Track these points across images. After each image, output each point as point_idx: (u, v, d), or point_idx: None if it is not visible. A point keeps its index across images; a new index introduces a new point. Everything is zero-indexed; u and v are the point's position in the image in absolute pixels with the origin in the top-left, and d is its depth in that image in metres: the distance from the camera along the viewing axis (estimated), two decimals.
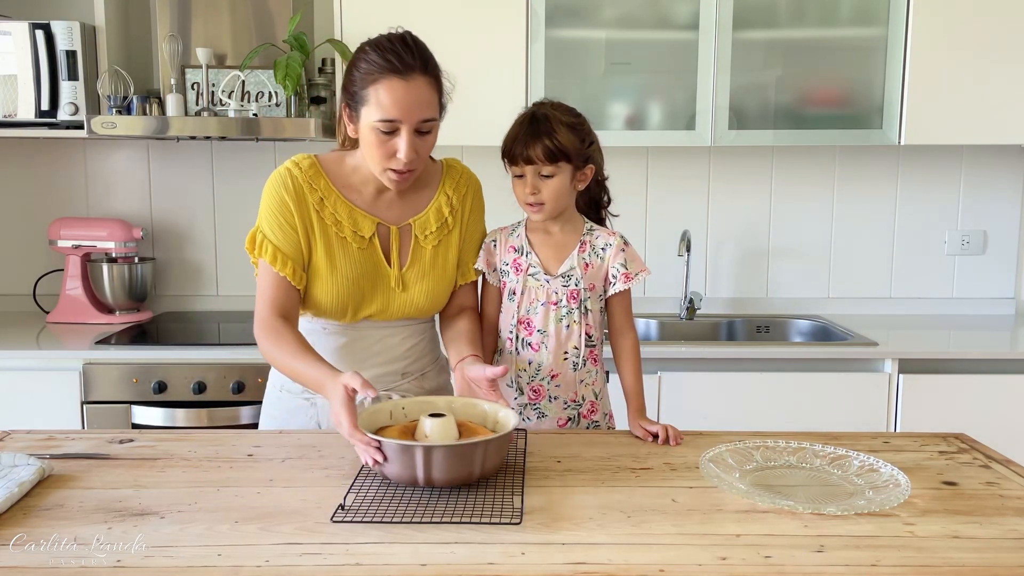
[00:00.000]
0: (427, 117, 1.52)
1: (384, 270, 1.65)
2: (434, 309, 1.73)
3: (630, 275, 1.68)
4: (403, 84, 1.49)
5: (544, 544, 1.13)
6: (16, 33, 2.67)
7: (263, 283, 1.60)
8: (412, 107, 1.49)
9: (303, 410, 1.70)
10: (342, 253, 1.62)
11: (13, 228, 3.08)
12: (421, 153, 1.55)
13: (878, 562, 1.09)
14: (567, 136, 1.60)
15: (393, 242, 1.65)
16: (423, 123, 1.52)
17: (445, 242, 1.70)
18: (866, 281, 3.12)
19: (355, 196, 1.64)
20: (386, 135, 1.51)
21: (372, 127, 1.51)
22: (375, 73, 1.49)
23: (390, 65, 1.49)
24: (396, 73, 1.49)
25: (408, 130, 1.50)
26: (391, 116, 1.49)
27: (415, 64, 1.50)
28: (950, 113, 2.69)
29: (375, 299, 1.65)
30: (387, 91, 1.49)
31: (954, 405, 2.51)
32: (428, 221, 1.68)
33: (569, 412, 1.70)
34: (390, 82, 1.49)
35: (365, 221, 1.63)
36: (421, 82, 1.51)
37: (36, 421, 2.40)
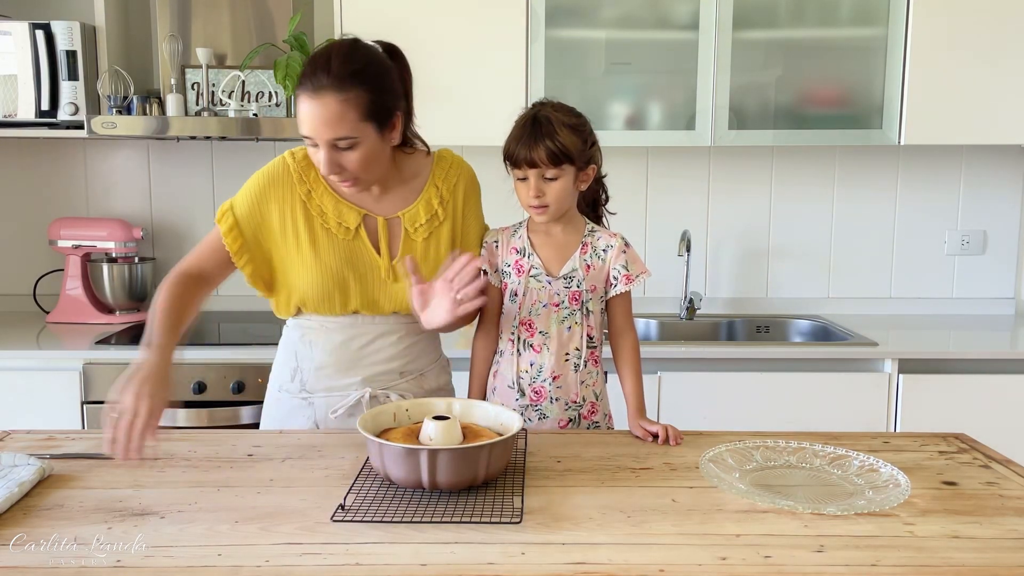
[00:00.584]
0: (337, 136, 1.49)
1: (374, 260, 1.65)
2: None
3: (631, 277, 1.68)
4: (311, 103, 1.49)
5: (544, 544, 1.13)
6: (16, 33, 2.67)
7: (204, 240, 1.69)
8: (319, 126, 1.49)
9: (300, 410, 1.70)
10: (327, 243, 1.63)
11: (13, 228, 3.08)
12: (347, 167, 1.53)
13: (878, 562, 1.09)
14: (570, 138, 1.60)
15: (382, 233, 1.66)
16: (336, 140, 1.50)
17: (436, 234, 1.69)
18: (866, 281, 3.12)
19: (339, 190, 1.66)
20: (313, 148, 1.54)
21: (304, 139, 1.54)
22: (298, 87, 1.52)
23: (304, 82, 1.50)
24: (306, 91, 1.49)
25: (324, 147, 1.51)
26: (305, 132, 1.52)
27: (325, 82, 1.47)
28: (950, 113, 2.69)
29: (364, 289, 1.65)
30: (300, 108, 1.51)
31: (954, 405, 2.51)
32: (417, 214, 1.68)
33: (570, 413, 1.70)
34: (302, 100, 1.50)
35: (350, 213, 1.64)
36: (330, 100, 1.47)
37: (36, 421, 2.40)
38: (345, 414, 1.66)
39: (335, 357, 1.67)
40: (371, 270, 1.65)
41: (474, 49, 2.66)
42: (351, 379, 1.67)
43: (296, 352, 1.71)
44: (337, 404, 1.67)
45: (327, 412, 1.67)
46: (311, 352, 1.69)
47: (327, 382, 1.68)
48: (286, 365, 1.73)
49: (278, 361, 1.76)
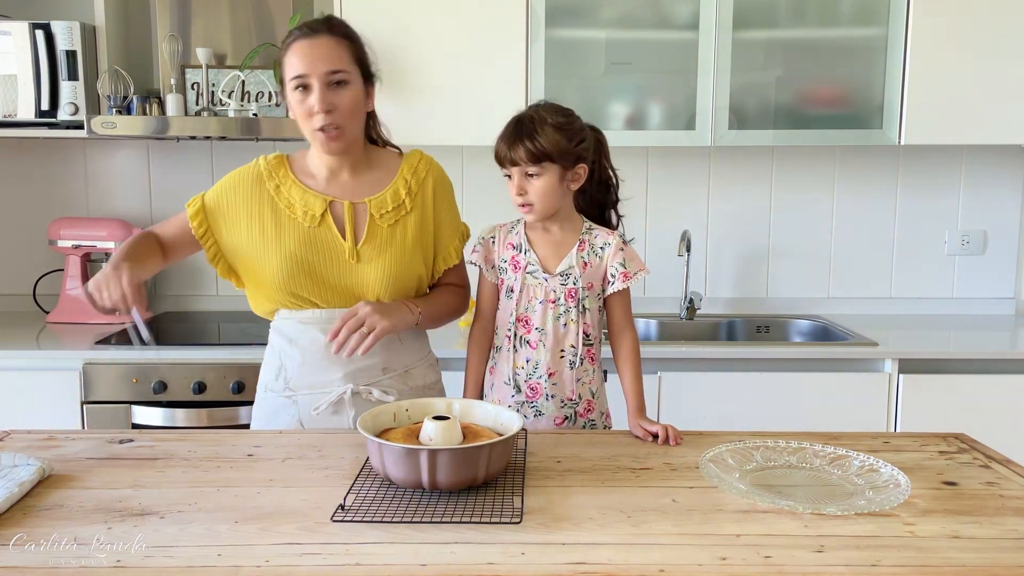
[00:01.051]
0: (333, 68, 1.59)
1: (338, 244, 1.68)
2: (398, 292, 1.70)
3: (629, 274, 1.68)
4: (307, 42, 1.60)
5: (544, 544, 1.13)
6: (16, 33, 2.67)
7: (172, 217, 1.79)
8: (316, 60, 1.59)
9: (285, 408, 1.71)
10: (292, 231, 1.67)
11: (13, 228, 3.08)
12: (340, 106, 1.61)
13: (878, 562, 1.09)
14: (551, 137, 1.61)
15: (347, 218, 1.68)
16: (331, 74, 1.59)
17: (402, 222, 1.71)
18: (866, 281, 3.12)
19: (310, 180, 1.72)
20: (302, 93, 1.60)
21: (291, 91, 1.62)
22: (288, 43, 1.63)
23: (299, 32, 1.62)
24: (301, 36, 1.61)
25: (318, 82, 1.59)
26: (299, 71, 1.59)
27: (319, 27, 1.62)
28: (950, 113, 2.69)
29: (329, 274, 1.67)
30: (294, 52, 1.61)
31: (954, 405, 2.50)
32: (384, 201, 1.71)
33: (566, 411, 1.70)
34: (297, 44, 1.61)
35: (316, 200, 1.69)
36: (325, 39, 1.61)
37: (36, 421, 2.39)
38: (328, 411, 1.67)
39: (317, 354, 1.68)
40: (336, 254, 1.68)
41: (474, 49, 2.66)
42: (333, 376, 1.68)
43: (280, 351, 1.72)
44: (319, 401, 1.67)
45: (310, 410, 1.68)
46: (294, 350, 1.70)
47: (309, 379, 1.69)
48: (271, 365, 1.74)
49: (264, 361, 1.78)
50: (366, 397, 1.67)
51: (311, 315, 1.69)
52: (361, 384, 1.68)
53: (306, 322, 1.69)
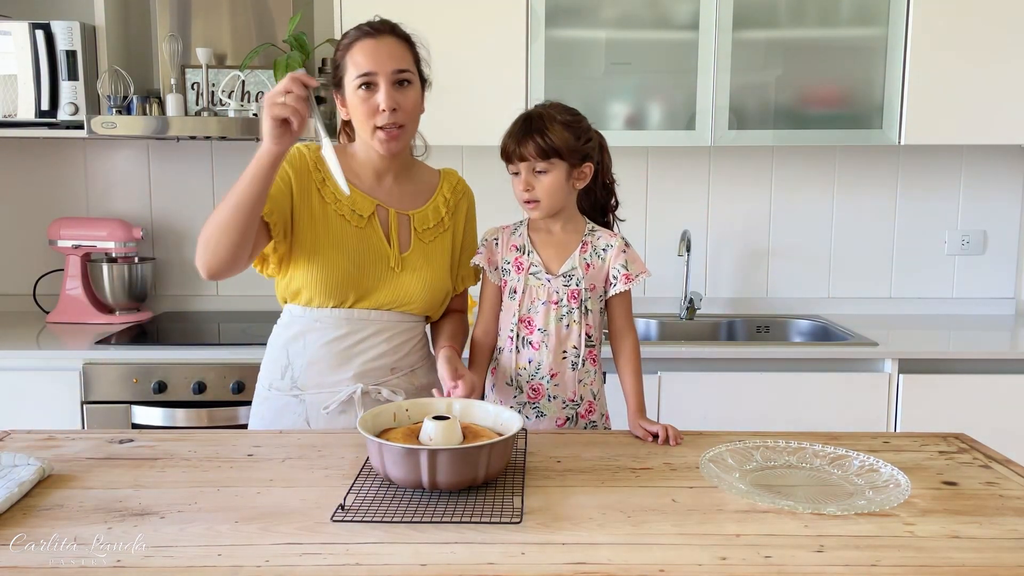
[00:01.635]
0: (400, 67, 1.61)
1: (384, 250, 1.68)
2: (428, 304, 1.74)
3: (631, 276, 1.69)
4: (373, 42, 1.61)
5: (544, 544, 1.13)
6: (16, 33, 2.67)
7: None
8: (384, 59, 1.60)
9: (291, 407, 1.71)
10: (341, 229, 1.66)
11: (13, 228, 3.08)
12: (403, 106, 1.61)
13: (878, 562, 1.09)
14: (560, 133, 1.62)
15: (392, 226, 1.70)
16: (398, 73, 1.60)
17: (441, 239, 1.75)
18: (866, 281, 3.12)
19: (355, 180, 1.70)
20: (367, 91, 1.60)
21: (354, 90, 1.61)
22: (349, 42, 1.63)
23: (360, 31, 1.63)
24: (366, 35, 1.62)
25: (385, 80, 1.59)
26: (366, 69, 1.59)
27: (383, 28, 1.64)
28: (950, 113, 2.69)
29: (372, 279, 1.67)
30: (360, 51, 1.61)
31: (954, 405, 2.51)
32: (427, 216, 1.74)
33: (567, 412, 1.70)
34: (362, 43, 1.61)
35: (364, 201, 1.69)
36: (390, 39, 1.63)
37: (36, 421, 2.40)
38: (336, 410, 1.67)
39: (327, 353, 1.68)
40: (380, 259, 1.68)
41: (474, 49, 2.66)
42: (342, 375, 1.68)
43: (287, 349, 1.71)
44: (328, 400, 1.67)
45: (318, 408, 1.68)
46: (303, 348, 1.69)
47: (318, 378, 1.69)
48: (276, 363, 1.73)
49: (268, 359, 1.76)
50: (375, 397, 1.67)
51: (330, 316, 1.68)
52: (370, 384, 1.68)
53: (323, 321, 1.68)
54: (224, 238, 1.51)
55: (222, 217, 1.51)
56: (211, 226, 1.53)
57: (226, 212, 1.51)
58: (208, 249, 1.53)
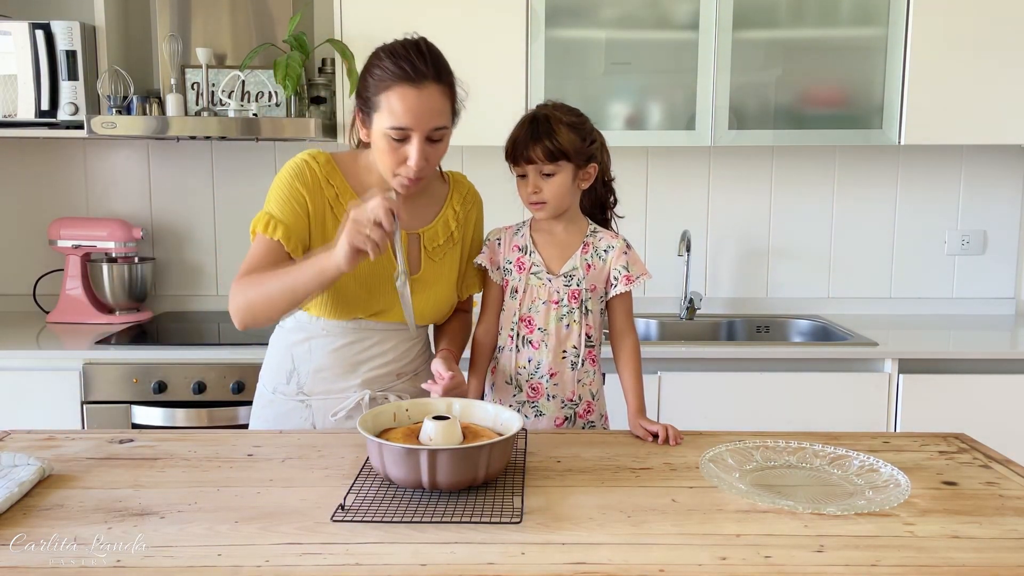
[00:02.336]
0: (438, 125, 1.53)
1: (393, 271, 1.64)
2: (436, 318, 1.75)
3: (631, 278, 1.69)
4: (415, 92, 1.49)
5: (544, 544, 1.13)
6: (16, 33, 2.67)
7: (250, 251, 1.58)
8: (423, 115, 1.50)
9: (297, 412, 1.70)
10: None
11: (13, 228, 3.08)
12: (431, 160, 1.56)
13: (878, 562, 1.09)
14: (567, 135, 1.62)
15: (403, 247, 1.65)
16: (434, 131, 1.52)
17: (451, 255, 1.73)
18: (866, 281, 3.12)
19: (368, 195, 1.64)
20: (397, 142, 1.52)
21: (384, 134, 1.52)
22: (388, 80, 1.50)
23: (403, 73, 1.49)
24: (408, 81, 1.49)
25: (419, 138, 1.51)
26: (402, 124, 1.49)
27: (428, 72, 1.50)
28: (950, 113, 2.69)
29: (381, 302, 1.65)
30: (399, 99, 1.49)
31: (954, 405, 2.51)
32: (437, 233, 1.71)
33: (566, 411, 1.70)
34: (402, 90, 1.49)
35: None
36: (433, 90, 1.51)
37: (36, 421, 2.40)
38: (344, 416, 1.66)
39: (335, 360, 1.67)
40: (390, 282, 1.63)
41: (474, 49, 2.66)
42: (350, 382, 1.68)
43: (293, 355, 1.70)
44: (336, 406, 1.66)
45: (326, 414, 1.67)
46: (310, 355, 1.68)
47: (326, 385, 1.68)
48: (281, 367, 1.72)
49: (272, 363, 1.75)
50: (382, 402, 1.67)
51: (338, 326, 1.66)
52: (377, 390, 1.68)
53: (331, 330, 1.67)
54: (271, 312, 1.51)
55: (272, 295, 1.49)
56: (257, 295, 1.50)
57: (277, 293, 1.48)
58: (250, 312, 1.52)
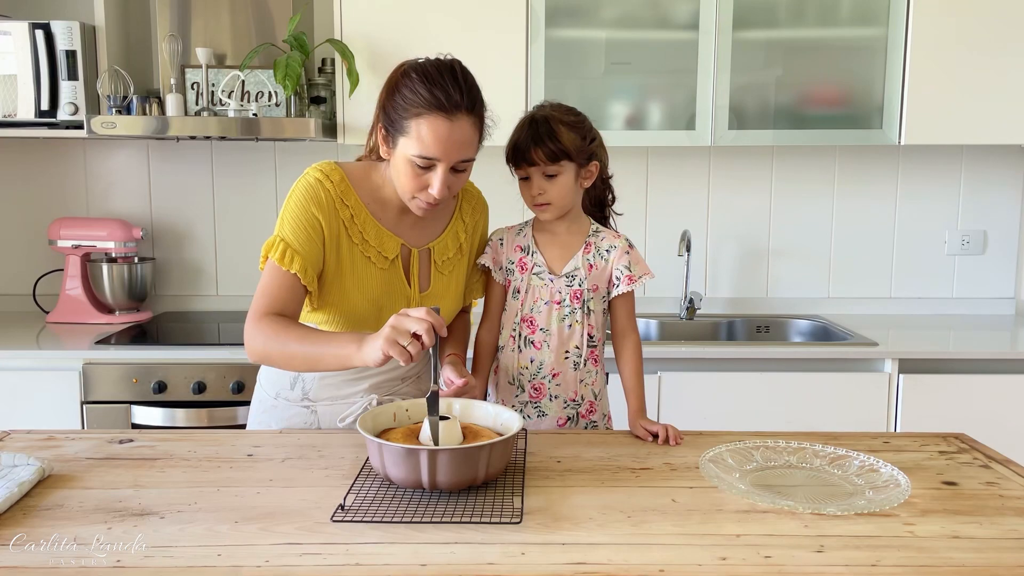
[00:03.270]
0: (465, 157, 1.50)
1: (404, 291, 1.65)
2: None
3: (633, 277, 1.69)
4: (447, 124, 1.45)
5: (544, 544, 1.13)
6: (16, 33, 2.67)
7: (265, 281, 1.54)
8: (452, 148, 1.47)
9: (301, 417, 1.69)
10: (366, 273, 1.61)
11: (13, 228, 3.08)
12: (453, 189, 1.54)
13: (878, 562, 1.09)
14: (568, 135, 1.62)
15: (413, 265, 1.66)
16: (462, 163, 1.51)
17: (459, 267, 1.73)
18: (866, 281, 3.12)
19: (381, 213, 1.62)
20: (421, 168, 1.49)
21: (408, 159, 1.49)
22: (420, 107, 1.45)
23: (437, 102, 1.44)
24: (442, 111, 1.44)
25: (444, 168, 1.48)
26: (430, 154, 1.46)
27: (462, 103, 1.46)
28: (950, 113, 2.69)
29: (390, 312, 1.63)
30: (429, 128, 1.45)
31: (954, 405, 2.51)
32: (446, 246, 1.70)
33: (568, 411, 1.70)
34: (434, 120, 1.45)
35: (391, 242, 1.62)
36: (465, 123, 1.47)
37: (36, 421, 2.40)
38: (351, 422, 1.65)
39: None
40: (400, 299, 1.64)
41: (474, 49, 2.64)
42: (356, 388, 1.68)
43: None
44: (343, 412, 1.65)
45: (332, 420, 1.67)
46: None
47: (332, 391, 1.68)
48: (284, 373, 1.70)
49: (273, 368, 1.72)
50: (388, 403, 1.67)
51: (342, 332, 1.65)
52: (384, 394, 1.68)
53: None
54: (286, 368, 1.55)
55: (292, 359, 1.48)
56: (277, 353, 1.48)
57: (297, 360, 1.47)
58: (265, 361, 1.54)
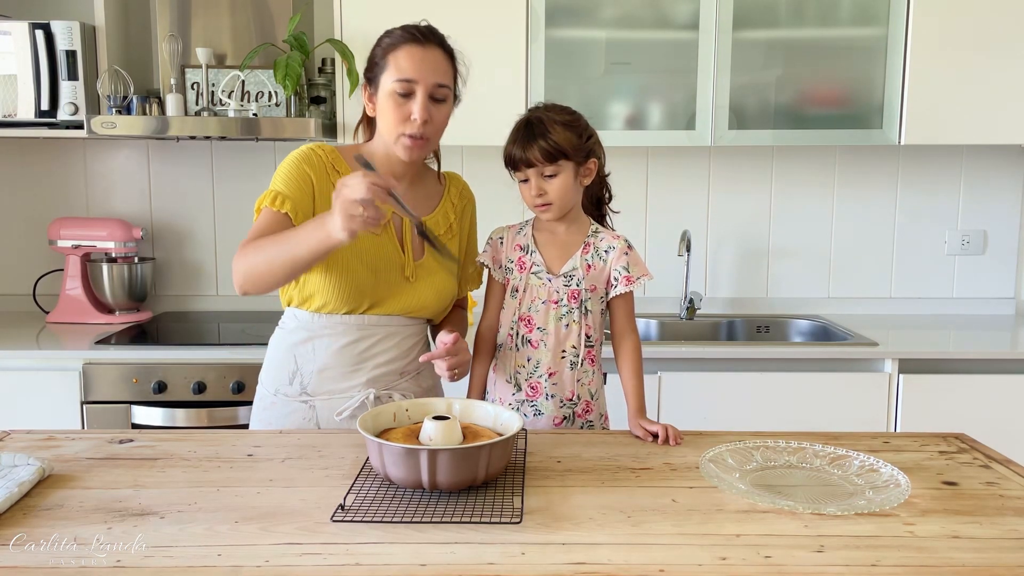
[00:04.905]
0: (442, 82, 1.60)
1: (399, 258, 1.68)
2: (437, 309, 1.75)
3: (632, 278, 1.69)
4: (420, 49, 1.59)
5: (544, 544, 1.13)
6: (16, 33, 2.67)
7: (257, 224, 1.59)
8: (428, 70, 1.58)
9: (300, 413, 1.69)
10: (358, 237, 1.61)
11: (13, 228, 3.08)
12: (435, 120, 1.61)
13: (878, 562, 1.09)
14: (563, 134, 1.63)
15: (406, 234, 1.70)
16: (437, 88, 1.60)
17: (451, 244, 1.76)
18: (866, 281, 3.12)
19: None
20: (402, 98, 1.59)
21: (390, 92, 1.59)
22: (395, 43, 1.60)
23: (410, 35, 1.60)
24: (415, 41, 1.60)
25: (423, 91, 1.58)
26: (408, 76, 1.58)
27: (430, 36, 1.62)
28: (950, 113, 2.69)
29: (387, 287, 1.67)
30: (405, 55, 1.59)
31: (954, 405, 2.51)
32: (438, 223, 1.75)
33: (565, 411, 1.71)
34: (409, 47, 1.59)
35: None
36: (437, 51, 1.61)
37: (36, 421, 2.40)
38: (349, 416, 1.66)
39: (339, 360, 1.67)
40: (395, 267, 1.68)
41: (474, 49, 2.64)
42: (354, 381, 1.68)
43: (295, 355, 1.70)
44: (340, 406, 1.66)
45: (330, 414, 1.67)
46: (313, 355, 1.68)
47: (330, 385, 1.68)
48: (283, 368, 1.71)
49: (272, 364, 1.74)
50: (386, 401, 1.67)
51: (341, 323, 1.67)
52: (382, 389, 1.68)
53: (334, 328, 1.67)
54: (271, 277, 1.52)
55: (273, 259, 1.49)
56: (259, 260, 1.50)
57: (278, 258, 1.49)
58: (250, 277, 1.53)
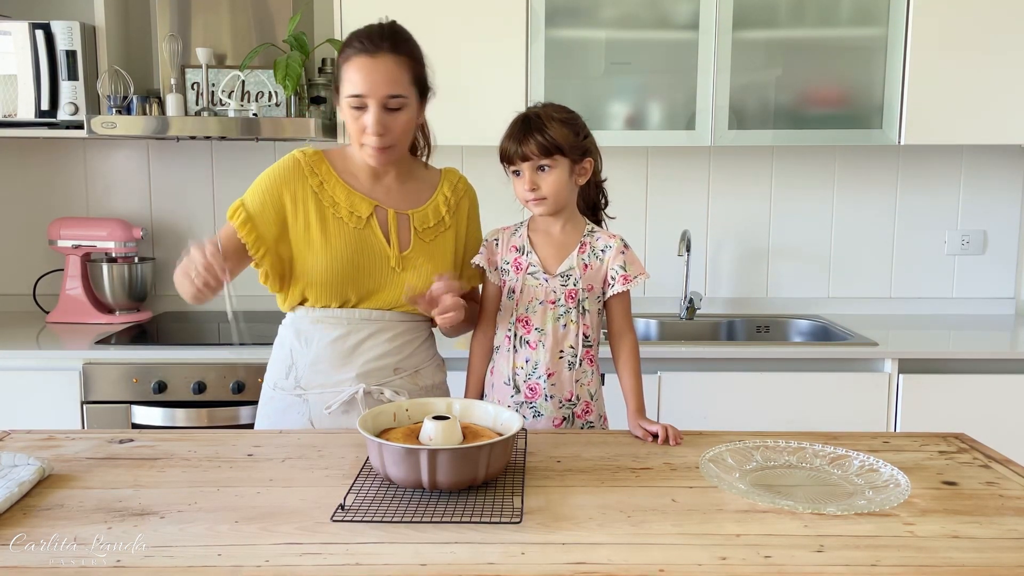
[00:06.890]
0: (392, 93, 1.59)
1: (383, 250, 1.69)
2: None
3: (629, 277, 1.69)
4: (369, 61, 1.58)
5: (544, 544, 1.13)
6: (16, 33, 2.67)
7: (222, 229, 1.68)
8: (377, 83, 1.58)
9: (295, 407, 1.71)
10: (338, 231, 1.67)
11: (13, 228, 3.08)
12: (392, 129, 1.61)
13: (878, 562, 1.09)
14: (560, 130, 1.63)
15: (392, 226, 1.70)
16: (389, 99, 1.59)
17: (443, 237, 1.75)
18: (866, 281, 3.12)
19: (353, 181, 1.71)
20: (357, 111, 1.60)
21: (346, 104, 1.61)
22: (347, 55, 1.61)
23: (360, 46, 1.60)
24: (364, 52, 1.59)
25: (375, 104, 1.59)
26: (358, 91, 1.59)
27: (382, 45, 1.60)
28: (950, 113, 2.69)
29: (373, 279, 1.68)
30: (355, 68, 1.59)
31: (954, 405, 2.51)
32: (427, 216, 1.74)
33: (564, 411, 1.71)
34: (358, 60, 1.59)
35: (362, 203, 1.69)
36: (387, 60, 1.59)
37: (36, 421, 2.40)
38: (339, 410, 1.67)
39: (330, 352, 1.68)
40: (380, 259, 1.68)
41: (474, 49, 2.66)
42: (345, 375, 1.68)
43: (292, 349, 1.72)
44: (330, 400, 1.67)
45: (321, 408, 1.68)
46: (306, 348, 1.70)
47: (321, 378, 1.69)
48: (282, 363, 1.74)
49: (274, 359, 1.78)
50: (378, 397, 1.68)
51: (332, 315, 1.69)
52: (373, 384, 1.69)
53: (325, 320, 1.69)
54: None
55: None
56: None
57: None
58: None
